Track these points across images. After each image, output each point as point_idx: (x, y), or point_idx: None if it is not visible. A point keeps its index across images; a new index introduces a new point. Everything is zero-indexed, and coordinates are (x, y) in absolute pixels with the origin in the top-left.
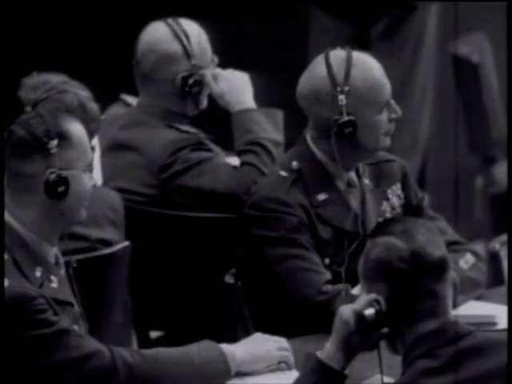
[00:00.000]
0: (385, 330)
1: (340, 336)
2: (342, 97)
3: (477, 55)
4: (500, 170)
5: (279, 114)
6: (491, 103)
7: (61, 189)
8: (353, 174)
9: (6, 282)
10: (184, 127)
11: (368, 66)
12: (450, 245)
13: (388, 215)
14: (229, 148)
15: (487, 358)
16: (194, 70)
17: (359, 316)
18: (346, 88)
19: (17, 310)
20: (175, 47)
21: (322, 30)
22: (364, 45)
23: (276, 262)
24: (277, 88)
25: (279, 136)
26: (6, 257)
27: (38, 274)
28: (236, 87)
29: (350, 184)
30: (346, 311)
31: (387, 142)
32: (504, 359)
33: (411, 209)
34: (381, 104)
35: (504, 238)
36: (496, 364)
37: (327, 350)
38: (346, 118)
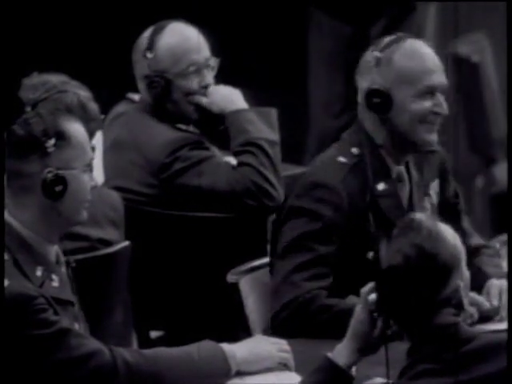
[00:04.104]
0: (390, 331)
1: (355, 332)
2: None
3: (477, 55)
4: (500, 170)
5: (273, 113)
6: (491, 103)
7: (58, 188)
8: (402, 168)
9: (6, 282)
10: (183, 126)
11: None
12: (479, 248)
13: (428, 212)
14: (223, 148)
15: (491, 362)
16: (157, 72)
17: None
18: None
19: (17, 309)
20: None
21: (320, 31)
22: (363, 45)
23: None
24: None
25: (274, 135)
26: (6, 257)
27: (38, 273)
28: (224, 92)
29: (399, 177)
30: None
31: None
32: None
33: (448, 208)
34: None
35: (504, 237)
36: (499, 367)
37: (338, 348)
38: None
